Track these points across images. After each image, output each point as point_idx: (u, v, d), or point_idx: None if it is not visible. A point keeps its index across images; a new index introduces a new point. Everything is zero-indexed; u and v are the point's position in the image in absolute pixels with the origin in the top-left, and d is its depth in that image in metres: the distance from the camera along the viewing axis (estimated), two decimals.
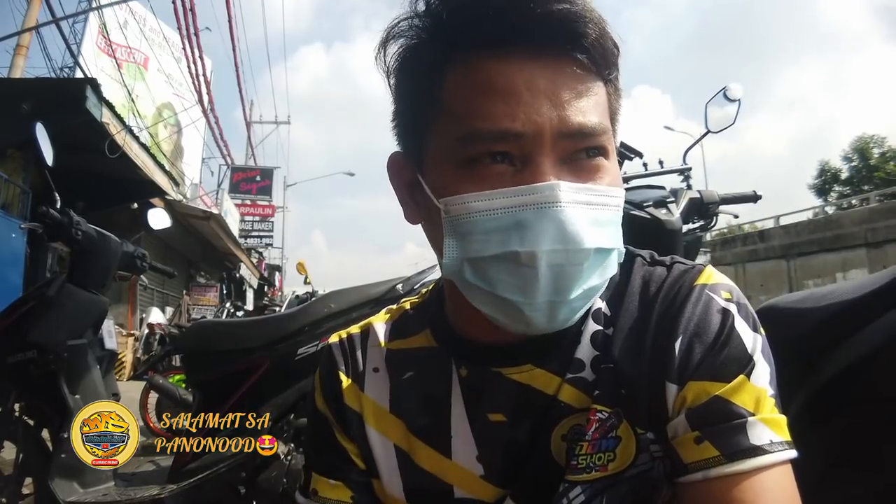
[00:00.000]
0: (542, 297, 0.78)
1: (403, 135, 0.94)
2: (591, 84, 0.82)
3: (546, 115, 0.78)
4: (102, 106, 8.69)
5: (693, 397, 0.79)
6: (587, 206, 0.79)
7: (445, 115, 0.83)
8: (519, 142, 0.78)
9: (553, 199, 0.76)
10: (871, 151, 42.52)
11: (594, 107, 0.81)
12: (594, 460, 0.83)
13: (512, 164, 0.80)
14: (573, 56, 0.80)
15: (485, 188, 0.79)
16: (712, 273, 0.90)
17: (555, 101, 0.78)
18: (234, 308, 10.24)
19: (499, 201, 0.78)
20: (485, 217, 0.79)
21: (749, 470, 0.74)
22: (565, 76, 0.80)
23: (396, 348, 1.04)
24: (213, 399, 2.89)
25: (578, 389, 0.87)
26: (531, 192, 0.77)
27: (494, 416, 0.91)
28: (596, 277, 0.81)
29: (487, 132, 0.78)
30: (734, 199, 2.70)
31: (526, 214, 0.77)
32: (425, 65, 0.86)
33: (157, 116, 19.47)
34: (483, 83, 0.80)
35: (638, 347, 0.86)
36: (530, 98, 0.78)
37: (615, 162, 0.86)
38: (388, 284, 2.98)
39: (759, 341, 0.83)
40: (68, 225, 3.10)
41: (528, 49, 0.79)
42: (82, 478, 2.90)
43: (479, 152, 0.80)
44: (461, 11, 0.82)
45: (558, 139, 0.78)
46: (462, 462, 0.92)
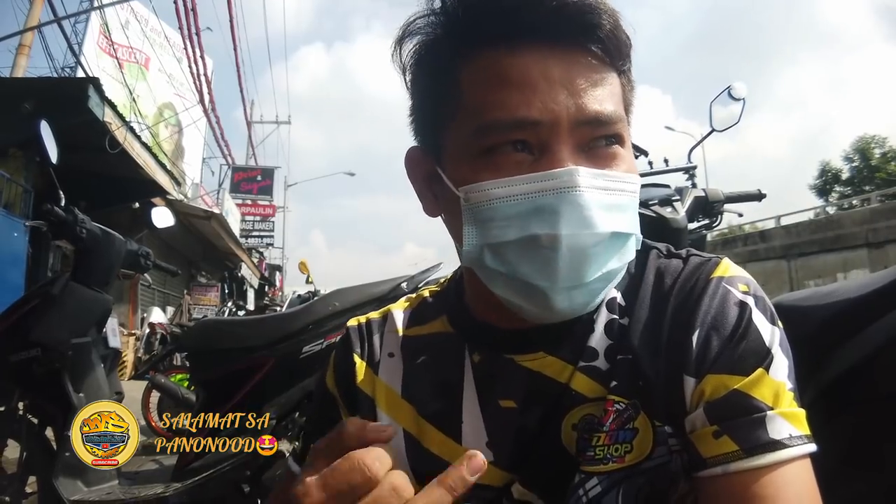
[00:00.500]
0: (562, 281, 0.79)
1: (421, 129, 0.96)
2: (605, 74, 0.83)
3: (563, 104, 0.79)
4: (104, 105, 8.69)
5: (711, 391, 0.79)
6: (604, 192, 0.80)
7: (462, 108, 0.85)
8: (536, 130, 0.80)
9: (572, 184, 0.77)
10: (872, 152, 42.56)
11: (609, 96, 0.83)
12: (611, 451, 0.83)
13: (530, 152, 0.81)
14: (588, 47, 0.81)
15: (503, 176, 0.80)
16: (729, 266, 0.90)
17: (571, 90, 0.80)
18: (236, 308, 10.25)
19: (518, 187, 0.80)
20: (505, 203, 0.80)
21: (769, 464, 0.74)
22: (580, 66, 0.81)
23: (413, 334, 1.05)
24: (217, 397, 2.90)
25: (591, 378, 0.87)
26: (550, 177, 0.78)
27: (505, 402, 0.91)
28: (615, 261, 0.82)
29: (504, 121, 0.80)
30: (739, 197, 2.70)
31: (546, 199, 0.78)
32: (441, 61, 0.87)
33: (159, 116, 19.47)
34: (499, 76, 0.81)
35: (654, 339, 0.86)
36: (546, 87, 0.79)
37: (630, 150, 0.88)
38: (393, 283, 2.99)
39: (777, 334, 0.83)
40: (73, 223, 3.10)
41: (542, 42, 0.81)
42: (86, 476, 2.91)
43: (496, 142, 0.81)
44: (476, 8, 0.83)
45: (575, 127, 0.80)
46: (472, 447, 0.90)
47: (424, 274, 3.08)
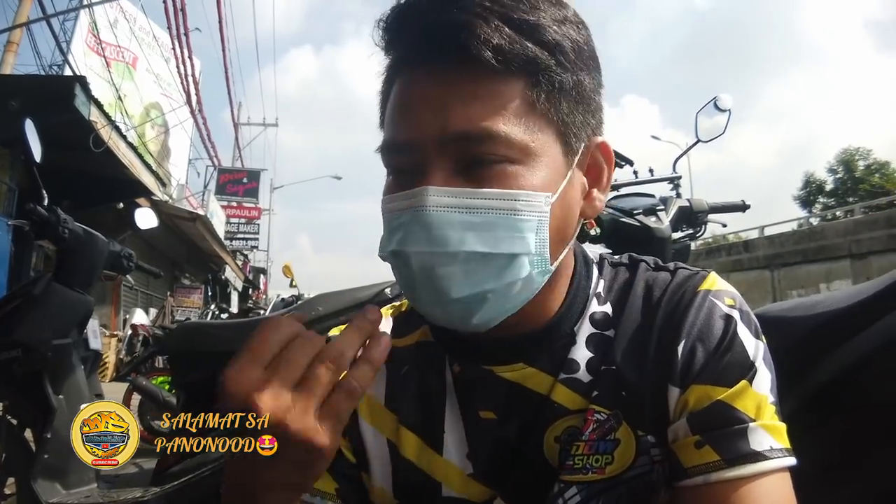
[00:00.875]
0: (424, 296, 0.82)
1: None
2: (493, 88, 0.80)
3: (427, 124, 0.80)
4: (91, 104, 8.65)
5: (695, 401, 0.81)
6: (464, 211, 0.78)
7: None
8: (410, 153, 0.82)
9: (421, 204, 0.78)
10: (856, 164, 42.93)
11: (491, 110, 0.79)
12: (591, 462, 0.84)
13: (413, 174, 0.82)
14: (466, 62, 0.78)
15: (394, 192, 0.84)
16: (716, 279, 0.91)
17: (439, 110, 0.80)
18: (219, 310, 10.22)
19: (392, 204, 0.83)
20: (389, 217, 0.84)
21: (749, 475, 0.75)
22: (458, 84, 0.80)
23: (395, 345, 1.03)
24: (198, 401, 2.88)
25: (573, 390, 0.88)
26: (407, 196, 0.81)
27: (485, 413, 0.92)
28: (489, 282, 0.80)
29: (387, 144, 0.86)
30: (723, 207, 2.71)
31: (403, 217, 0.80)
32: (385, 83, 0.92)
33: (145, 116, 19.36)
34: (394, 100, 0.86)
35: (641, 350, 0.87)
36: (417, 110, 0.82)
37: (548, 163, 0.83)
38: (377, 288, 2.98)
39: (760, 348, 0.84)
40: (55, 223, 3.07)
41: (425, 63, 0.82)
42: (65, 479, 2.88)
43: (389, 163, 0.87)
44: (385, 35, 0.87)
45: (444, 145, 0.80)
46: (452, 459, 0.93)
47: None
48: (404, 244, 0.79)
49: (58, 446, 2.85)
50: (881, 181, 40.11)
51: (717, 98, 2.58)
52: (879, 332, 1.16)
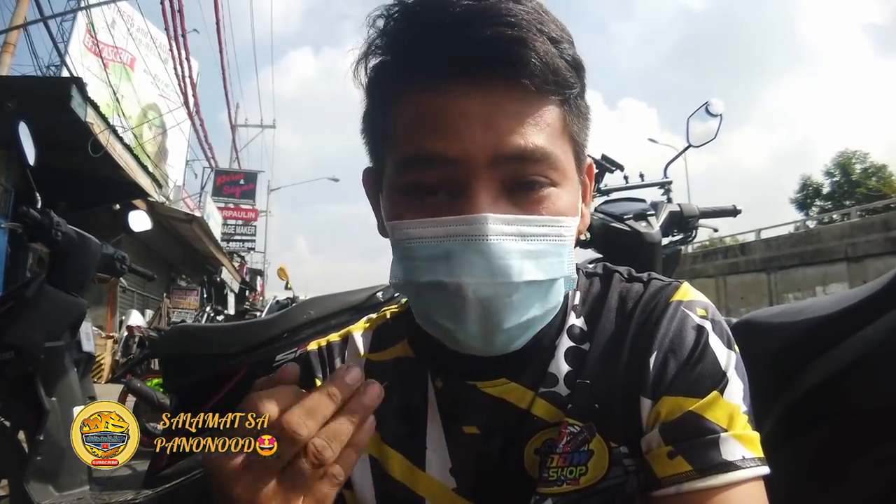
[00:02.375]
0: (473, 327, 0.79)
1: (368, 152, 0.95)
2: (536, 107, 0.80)
3: (479, 141, 0.77)
4: (87, 106, 8.62)
5: (667, 412, 0.81)
6: (520, 239, 0.78)
7: (394, 142, 0.85)
8: (454, 169, 0.78)
9: (480, 233, 0.76)
10: (853, 167, 42.92)
11: (539, 130, 0.80)
12: (566, 473, 0.84)
13: (449, 193, 0.80)
14: (514, 80, 0.78)
15: (423, 215, 0.80)
16: (688, 290, 0.91)
17: (489, 126, 0.77)
18: (215, 312, 10.15)
19: (430, 230, 0.79)
20: (419, 244, 0.80)
21: (721, 485, 0.75)
22: (504, 101, 0.78)
23: (375, 359, 1.03)
24: (189, 404, 2.88)
25: (551, 403, 0.88)
26: (460, 223, 0.77)
27: (469, 429, 0.92)
28: (536, 309, 0.81)
29: (420, 156, 0.80)
30: (714, 213, 2.71)
31: (454, 245, 0.77)
32: (381, 90, 0.88)
33: (142, 117, 19.32)
34: (422, 113, 0.80)
35: (614, 362, 0.87)
36: (464, 125, 0.77)
37: (571, 186, 0.85)
38: (369, 292, 2.98)
39: (732, 358, 0.84)
40: (48, 226, 3.08)
41: (465, 76, 0.78)
42: (57, 481, 2.89)
43: (417, 179, 0.81)
44: (406, 45, 0.83)
45: (495, 165, 0.78)
46: (435, 474, 0.92)
47: None
48: (458, 275, 0.76)
49: (50, 448, 2.86)
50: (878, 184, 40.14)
51: (708, 103, 2.58)
52: (865, 339, 1.17)
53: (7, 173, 9.06)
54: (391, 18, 0.84)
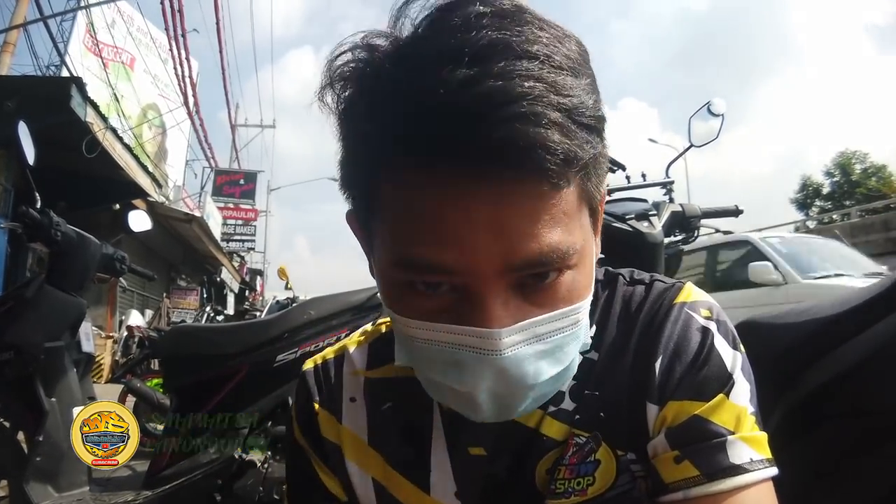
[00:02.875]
0: (483, 415, 0.75)
1: (351, 199, 0.82)
2: (552, 199, 0.68)
3: (486, 252, 0.67)
4: (87, 105, 8.63)
5: (673, 417, 0.79)
6: (535, 341, 0.72)
7: (383, 222, 0.75)
8: (458, 277, 0.69)
9: (494, 348, 0.69)
10: (853, 167, 42.91)
11: (554, 225, 0.69)
12: (573, 485, 0.83)
13: (454, 291, 0.71)
14: (528, 178, 0.66)
15: (425, 316, 0.73)
16: (692, 290, 0.89)
17: (499, 233, 0.66)
18: (215, 312, 10.15)
19: (438, 335, 0.72)
20: (426, 345, 0.74)
21: (730, 489, 0.74)
22: (515, 200, 0.66)
23: (374, 377, 1.00)
24: (189, 405, 2.88)
25: (560, 421, 0.86)
26: (471, 334, 0.70)
27: (475, 450, 0.89)
28: (551, 391, 0.79)
29: (418, 263, 0.70)
30: (715, 213, 2.71)
31: (464, 356, 0.71)
32: (364, 149, 0.74)
33: (142, 117, 19.31)
34: (414, 207, 0.69)
35: (619, 369, 0.86)
36: (469, 233, 0.66)
37: (588, 258, 0.77)
38: (369, 292, 2.98)
39: (738, 359, 0.82)
40: (48, 226, 3.07)
41: (469, 175, 0.65)
42: (57, 481, 2.87)
43: (415, 279, 0.72)
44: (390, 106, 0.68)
45: (505, 273, 0.69)
46: (440, 497, 0.90)
47: None
48: (472, 387, 0.71)
49: (50, 449, 2.85)
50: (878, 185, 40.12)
51: (710, 103, 2.58)
52: (869, 340, 1.16)
53: (7, 173, 9.06)
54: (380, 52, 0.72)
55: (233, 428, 2.82)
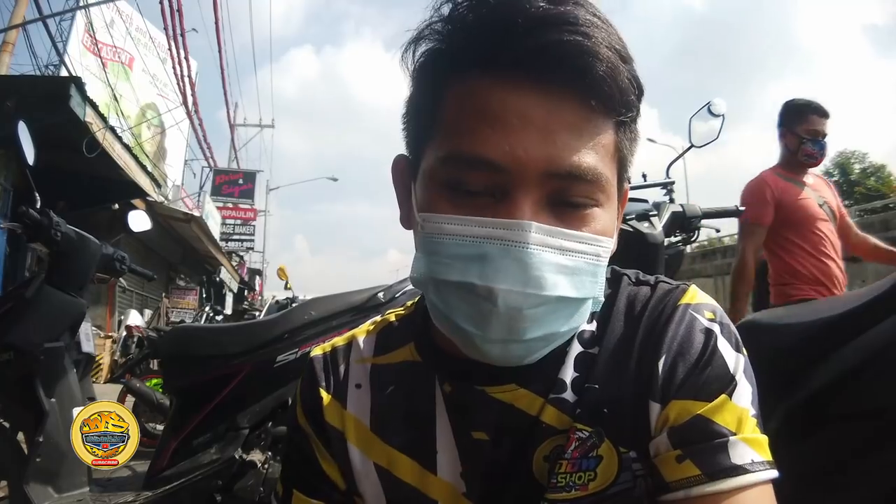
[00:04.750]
0: (495, 334, 0.77)
1: (407, 140, 0.92)
2: (595, 125, 0.78)
3: (532, 152, 0.74)
4: (86, 105, 8.61)
5: (675, 416, 0.80)
6: (559, 252, 0.76)
7: (439, 131, 0.82)
8: (501, 176, 0.76)
9: (521, 240, 0.74)
10: (852, 167, 42.93)
11: (594, 150, 0.77)
12: (574, 479, 0.83)
13: (492, 194, 0.77)
14: (578, 91, 0.75)
15: (461, 212, 0.78)
16: (696, 293, 0.90)
17: (547, 137, 0.75)
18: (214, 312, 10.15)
19: (469, 229, 0.77)
20: (453, 241, 0.78)
21: (730, 489, 0.74)
22: (566, 112, 0.75)
23: (380, 363, 1.02)
24: (190, 405, 2.88)
25: (560, 410, 0.87)
26: (501, 226, 0.75)
27: (478, 434, 0.90)
28: (561, 324, 0.80)
29: (468, 156, 0.77)
30: (716, 213, 2.71)
31: (491, 248, 0.75)
32: (435, 75, 0.84)
33: (141, 117, 19.28)
34: (475, 106, 0.77)
35: (622, 367, 0.86)
36: (520, 128, 0.74)
37: (612, 208, 0.84)
38: (370, 292, 2.98)
39: (741, 361, 0.83)
40: (48, 226, 3.06)
41: (529, 78, 0.75)
42: (57, 482, 2.87)
43: (460, 175, 0.78)
44: (467, 29, 0.79)
45: (545, 178, 0.76)
46: (447, 477, 0.91)
47: (402, 283, 3.07)
48: (492, 280, 0.74)
49: (50, 450, 2.84)
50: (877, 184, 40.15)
51: (710, 103, 2.59)
52: (872, 340, 1.17)
53: (6, 173, 9.05)
54: (460, 6, 0.81)
55: (233, 428, 2.82)
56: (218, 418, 2.82)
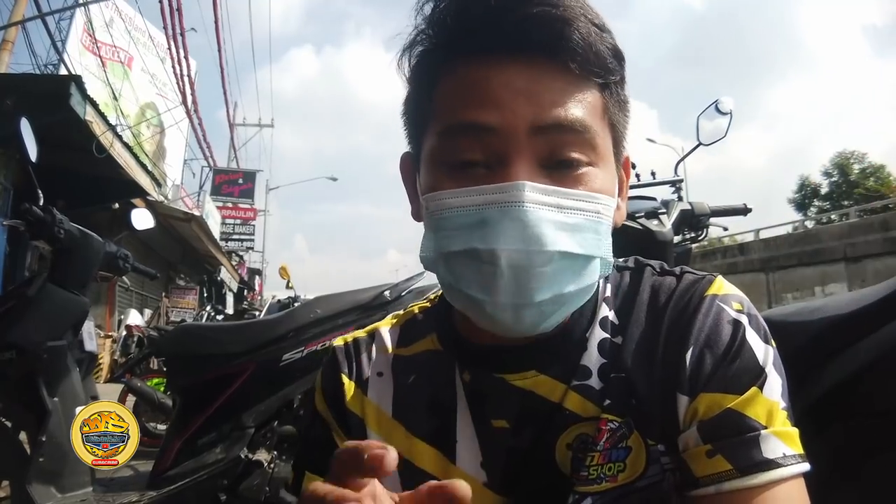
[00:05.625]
0: (503, 298, 0.78)
1: (408, 136, 0.96)
2: (577, 86, 0.82)
3: (520, 112, 0.79)
4: (86, 104, 8.60)
5: (705, 409, 0.79)
6: (557, 210, 0.78)
7: (434, 116, 0.86)
8: (494, 138, 0.80)
9: (517, 200, 0.77)
10: (851, 167, 43.15)
11: (579, 105, 0.82)
12: (605, 471, 0.83)
13: (488, 166, 0.81)
14: (557, 58, 0.80)
15: (460, 186, 0.81)
16: (723, 283, 0.90)
17: (531, 98, 0.80)
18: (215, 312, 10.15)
19: (469, 199, 0.80)
20: (455, 213, 0.81)
21: (763, 484, 0.74)
22: (547, 77, 0.81)
23: (402, 353, 1.03)
24: (194, 404, 2.87)
25: (585, 397, 0.86)
26: (497, 190, 0.78)
27: (498, 422, 0.90)
28: (569, 283, 0.80)
29: (462, 124, 0.81)
30: (724, 211, 2.71)
31: (490, 213, 0.78)
32: (427, 71, 0.89)
33: (141, 116, 19.30)
34: (464, 85, 0.83)
35: (648, 358, 0.86)
36: (506, 96, 0.80)
37: (609, 169, 0.86)
38: (376, 291, 2.98)
39: (770, 353, 0.83)
40: (51, 223, 3.05)
41: (510, 53, 0.81)
42: (60, 482, 2.86)
43: (455, 145, 0.82)
44: (450, 23, 0.84)
45: (535, 135, 0.79)
46: (466, 468, 0.91)
47: (408, 282, 3.07)
48: (493, 242, 0.76)
49: (53, 449, 2.83)
50: (876, 185, 40.36)
51: (718, 101, 2.58)
52: (882, 340, 1.16)
53: (6, 171, 9.05)
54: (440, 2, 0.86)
55: (238, 427, 2.81)
56: (223, 417, 2.81)
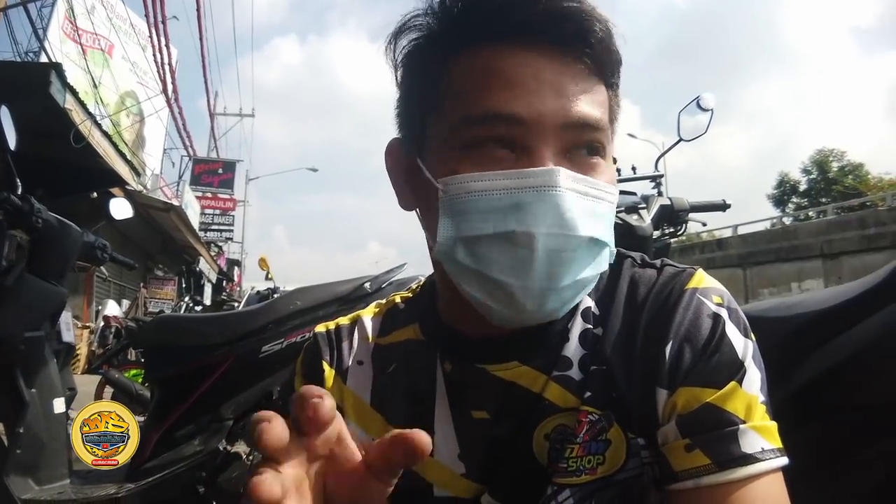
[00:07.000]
0: (535, 282, 0.78)
1: (405, 122, 0.96)
2: (594, 83, 0.84)
3: (550, 105, 0.80)
4: (66, 92, 8.52)
5: (684, 403, 0.80)
6: (584, 197, 0.80)
7: (450, 99, 0.85)
8: (521, 128, 0.80)
9: (553, 184, 0.77)
10: (830, 165, 43.49)
11: (597, 103, 0.84)
12: (584, 463, 0.83)
13: (512, 150, 0.81)
14: (579, 53, 0.82)
15: (484, 170, 0.80)
16: (703, 277, 0.90)
17: (560, 93, 0.81)
18: (193, 303, 10.10)
19: (499, 182, 0.79)
20: (483, 197, 0.80)
21: (741, 478, 0.74)
22: (571, 71, 0.82)
23: (383, 342, 1.03)
24: (173, 396, 2.86)
25: (565, 388, 0.87)
26: (532, 175, 0.78)
27: (478, 413, 0.91)
28: (588, 269, 0.82)
29: (491, 114, 0.80)
30: (704, 207, 2.73)
31: (526, 196, 0.78)
32: (434, 54, 0.88)
33: (120, 104, 19.11)
34: (490, 70, 0.82)
35: (628, 350, 0.86)
36: (536, 87, 0.80)
37: (611, 164, 0.88)
38: (356, 283, 2.97)
39: (749, 347, 0.83)
40: (29, 212, 3.00)
41: (536, 43, 0.81)
42: (38, 474, 2.83)
43: (480, 135, 0.82)
44: (474, 7, 0.84)
45: (561, 130, 0.81)
46: (443, 460, 0.91)
47: (388, 274, 3.07)
48: (531, 225, 0.77)
49: (30, 441, 2.80)
50: (854, 183, 40.69)
51: (699, 97, 2.59)
52: (862, 334, 1.17)
53: None
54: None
55: (217, 419, 2.80)
56: (201, 409, 2.80)
